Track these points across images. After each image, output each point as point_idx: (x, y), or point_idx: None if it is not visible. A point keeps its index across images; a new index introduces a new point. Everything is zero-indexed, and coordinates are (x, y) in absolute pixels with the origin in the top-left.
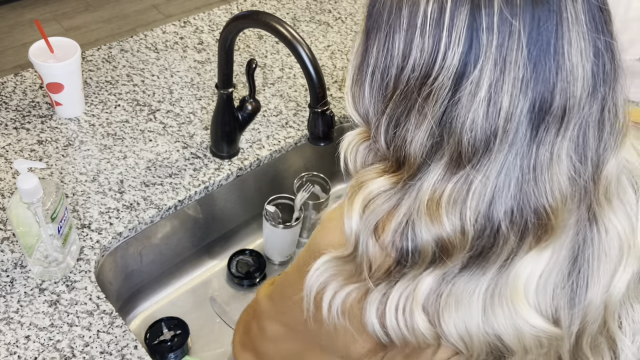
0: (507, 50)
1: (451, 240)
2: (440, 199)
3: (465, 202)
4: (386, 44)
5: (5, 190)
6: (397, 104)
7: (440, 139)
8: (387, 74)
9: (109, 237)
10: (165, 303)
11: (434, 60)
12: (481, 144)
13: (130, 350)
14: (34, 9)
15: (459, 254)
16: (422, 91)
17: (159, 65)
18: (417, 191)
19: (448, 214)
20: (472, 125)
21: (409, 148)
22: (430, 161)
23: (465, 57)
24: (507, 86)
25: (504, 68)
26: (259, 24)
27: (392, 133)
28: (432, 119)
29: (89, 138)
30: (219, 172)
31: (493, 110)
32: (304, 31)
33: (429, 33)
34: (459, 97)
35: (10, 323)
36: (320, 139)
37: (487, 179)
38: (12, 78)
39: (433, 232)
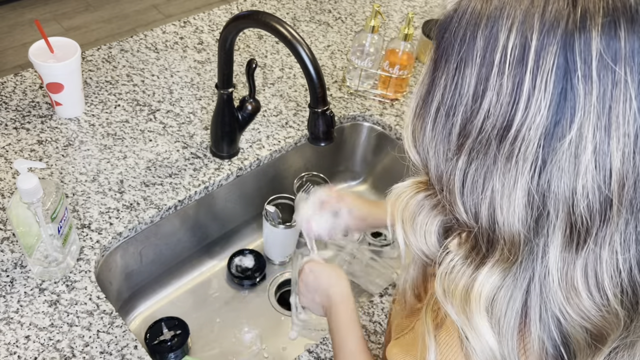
0: (611, 102)
1: (601, 322)
2: (575, 281)
3: (602, 279)
4: (455, 78)
5: (5, 190)
6: (471, 158)
7: (543, 210)
8: (454, 113)
9: (109, 237)
10: (165, 303)
11: (515, 108)
12: (596, 215)
13: (130, 350)
14: (34, 9)
15: (615, 335)
16: (503, 146)
17: (159, 65)
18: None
19: (589, 295)
20: (583, 192)
21: (504, 221)
22: (538, 239)
23: (556, 110)
24: (615, 144)
25: (609, 124)
26: (259, 24)
27: (471, 197)
28: (526, 184)
29: (89, 138)
30: (219, 172)
31: (603, 174)
32: (304, 31)
33: (509, 73)
34: (556, 159)
35: (10, 323)
36: (320, 139)
37: (615, 253)
38: (12, 78)
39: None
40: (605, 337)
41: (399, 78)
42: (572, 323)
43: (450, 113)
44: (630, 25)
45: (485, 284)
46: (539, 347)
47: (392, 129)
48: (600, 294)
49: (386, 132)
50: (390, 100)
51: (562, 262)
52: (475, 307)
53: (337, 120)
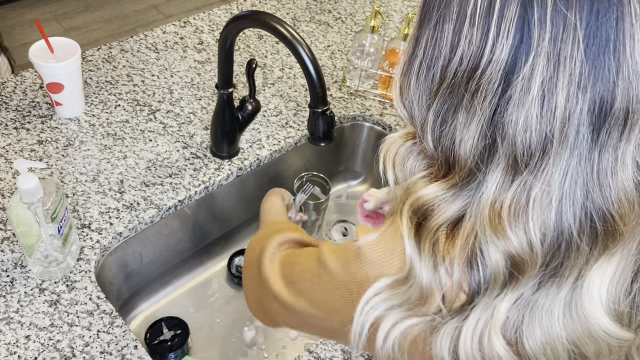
0: (561, 44)
1: (520, 256)
2: (501, 211)
3: (526, 211)
4: (435, 34)
5: (5, 190)
6: (444, 99)
7: (492, 140)
8: (434, 65)
9: (109, 237)
10: (165, 303)
11: (482, 53)
12: (538, 147)
13: (130, 350)
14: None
15: (532, 271)
16: (470, 86)
17: (159, 65)
18: (478, 202)
19: (512, 226)
20: (526, 125)
21: (458, 149)
22: (484, 166)
23: (515, 51)
24: (562, 84)
25: (557, 64)
26: (259, 24)
27: (438, 131)
28: (482, 117)
29: (89, 138)
30: (219, 172)
31: (547, 110)
32: (304, 31)
33: (478, 24)
34: (509, 94)
35: (10, 323)
36: (320, 139)
37: (548, 186)
38: (12, 78)
39: (500, 249)
40: (523, 270)
41: None
42: (493, 248)
43: (430, 65)
44: None
45: (429, 190)
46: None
47: (392, 129)
48: (522, 226)
49: (386, 132)
50: (390, 100)
51: (497, 188)
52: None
53: (337, 120)
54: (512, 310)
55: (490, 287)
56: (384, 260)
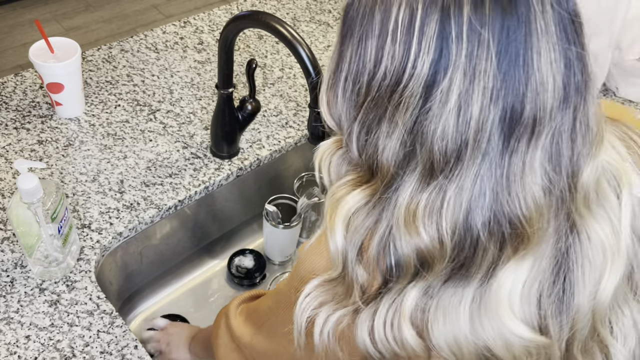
0: (476, 59)
1: (430, 252)
2: (416, 210)
3: (440, 212)
4: (359, 50)
5: (5, 190)
6: (369, 111)
7: (412, 148)
8: (359, 80)
9: (109, 237)
10: (165, 303)
11: (404, 68)
12: (453, 154)
13: (131, 350)
14: (34, 9)
15: (439, 266)
16: (393, 99)
17: (159, 65)
18: (394, 203)
19: (425, 225)
20: (443, 134)
21: (381, 157)
22: (403, 172)
23: (435, 66)
24: (476, 95)
25: (473, 77)
26: (259, 24)
27: (363, 140)
28: (403, 127)
29: (89, 138)
30: (219, 172)
31: (463, 120)
32: (304, 31)
33: (400, 40)
34: (429, 106)
35: (10, 323)
36: (320, 138)
37: (460, 189)
38: (12, 78)
39: (412, 244)
40: (431, 266)
41: None
42: (405, 244)
43: (356, 80)
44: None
45: (353, 198)
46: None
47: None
48: (435, 226)
49: None
50: None
51: (412, 191)
52: (339, 213)
53: None
54: (421, 301)
55: (401, 276)
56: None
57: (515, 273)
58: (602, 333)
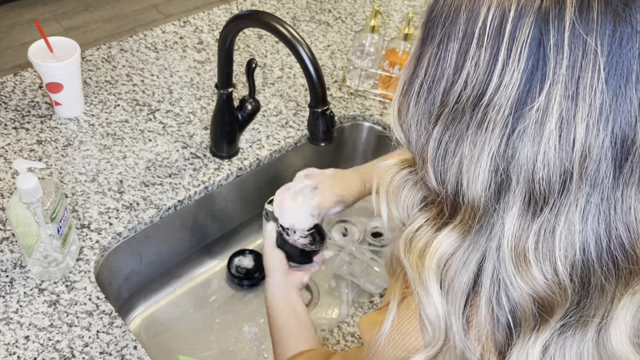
0: (580, 72)
1: (549, 295)
2: (526, 250)
3: (553, 250)
4: (439, 54)
5: (4, 190)
6: (446, 126)
7: (506, 177)
8: (436, 86)
9: (109, 237)
10: (165, 303)
11: (490, 78)
12: (556, 183)
13: (130, 351)
14: (34, 8)
15: (561, 310)
16: (475, 114)
17: (158, 65)
18: (496, 245)
19: (539, 265)
20: (544, 160)
21: (467, 186)
22: (498, 206)
23: (528, 78)
24: (581, 115)
25: (576, 93)
26: (259, 23)
27: (441, 164)
28: (492, 150)
29: (89, 138)
30: (219, 172)
31: (566, 144)
32: (304, 31)
33: (487, 44)
34: (523, 126)
35: (9, 323)
36: (320, 139)
37: (572, 225)
38: (11, 78)
39: (527, 288)
40: (552, 310)
41: None
42: (520, 291)
43: (432, 87)
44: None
45: (441, 244)
46: (486, 313)
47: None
48: (549, 265)
49: (386, 132)
50: (390, 100)
51: (516, 229)
52: (428, 266)
53: (337, 120)
54: (544, 354)
55: (521, 334)
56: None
57: (629, 308)
58: None
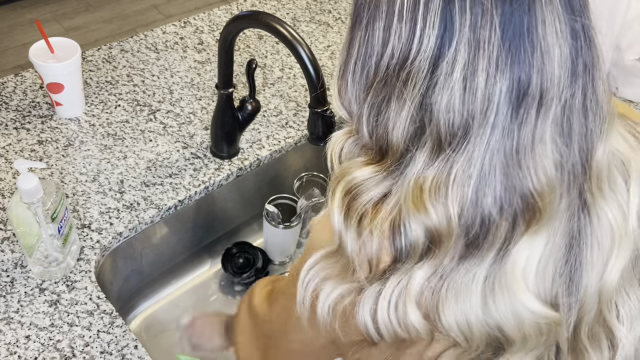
0: (480, 30)
1: (438, 230)
2: (423, 186)
3: (447, 187)
4: (367, 34)
5: (5, 190)
6: (378, 92)
7: (421, 124)
8: (368, 62)
9: (109, 237)
10: (165, 303)
11: (411, 44)
12: (460, 126)
13: (131, 350)
14: (34, 9)
15: (448, 244)
16: (401, 76)
17: (159, 66)
18: (403, 179)
19: (432, 201)
20: (449, 106)
21: (391, 135)
22: (413, 148)
23: (441, 40)
24: (481, 66)
25: (477, 48)
26: (259, 24)
27: (373, 122)
28: (412, 103)
29: (89, 138)
30: (219, 172)
31: (469, 91)
32: (304, 31)
33: (406, 18)
34: (436, 79)
35: (10, 323)
36: (320, 139)
37: (469, 163)
38: (12, 78)
39: (420, 221)
40: (439, 244)
41: None
42: (414, 221)
43: (364, 63)
44: None
45: (359, 172)
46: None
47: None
48: (442, 202)
49: None
50: None
51: (421, 166)
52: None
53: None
54: (430, 282)
55: (409, 256)
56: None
57: (529, 249)
58: (608, 317)
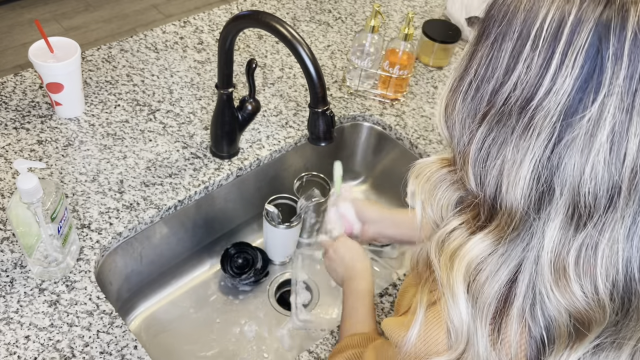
0: (638, 84)
1: (587, 313)
2: (566, 264)
3: (594, 267)
4: (491, 53)
5: (5, 190)
6: (491, 128)
7: (548, 186)
8: (484, 85)
9: (109, 237)
10: (165, 303)
11: (541, 81)
12: (603, 198)
13: (130, 351)
14: (34, 9)
15: (598, 328)
16: (522, 117)
17: (158, 65)
18: (535, 255)
19: (578, 282)
20: (592, 174)
21: (506, 192)
22: (538, 215)
23: (582, 86)
24: (635, 129)
25: (632, 107)
26: (259, 24)
27: (482, 166)
28: (536, 157)
29: (89, 138)
30: (219, 172)
31: (617, 159)
32: (304, 31)
33: (542, 47)
34: (572, 135)
35: (10, 323)
36: (320, 139)
37: (615, 242)
38: (11, 78)
39: (564, 304)
40: (589, 328)
41: (399, 78)
42: (557, 306)
43: (480, 86)
44: None
45: (474, 248)
46: (517, 326)
47: (392, 129)
48: (590, 282)
49: (386, 132)
50: (390, 100)
51: (557, 242)
52: (457, 269)
53: (337, 120)
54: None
55: (554, 350)
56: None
57: None
58: None
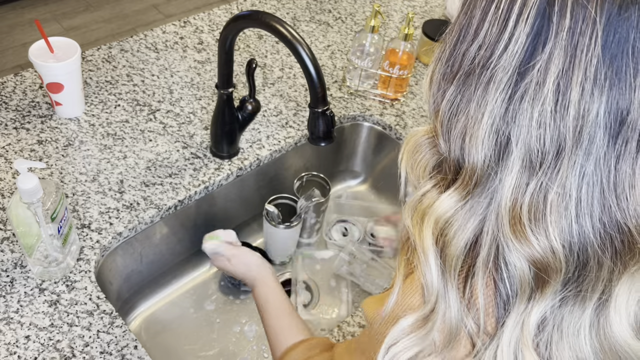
0: (579, 36)
1: (544, 261)
2: (521, 215)
3: (544, 216)
4: (464, 20)
5: (5, 190)
6: (459, 88)
7: (506, 138)
8: (456, 50)
9: (109, 237)
10: (165, 303)
11: (500, 39)
12: (551, 145)
13: (130, 350)
14: (34, 9)
15: (557, 277)
16: (483, 74)
17: (159, 65)
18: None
19: (533, 231)
20: (540, 121)
21: (469, 146)
22: (497, 167)
23: (533, 40)
24: (577, 78)
25: (574, 56)
26: (259, 24)
27: (448, 124)
28: (494, 110)
29: (89, 138)
30: (219, 172)
31: (561, 106)
32: (304, 31)
33: (503, 7)
34: (525, 86)
35: (10, 323)
36: (320, 139)
37: (563, 190)
38: (12, 78)
39: (524, 254)
40: (548, 278)
41: (399, 78)
42: (517, 255)
43: (453, 51)
44: None
45: (441, 205)
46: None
47: (392, 129)
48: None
49: (386, 132)
50: (390, 100)
51: (513, 191)
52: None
53: (337, 120)
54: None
55: (517, 301)
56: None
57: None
58: None
